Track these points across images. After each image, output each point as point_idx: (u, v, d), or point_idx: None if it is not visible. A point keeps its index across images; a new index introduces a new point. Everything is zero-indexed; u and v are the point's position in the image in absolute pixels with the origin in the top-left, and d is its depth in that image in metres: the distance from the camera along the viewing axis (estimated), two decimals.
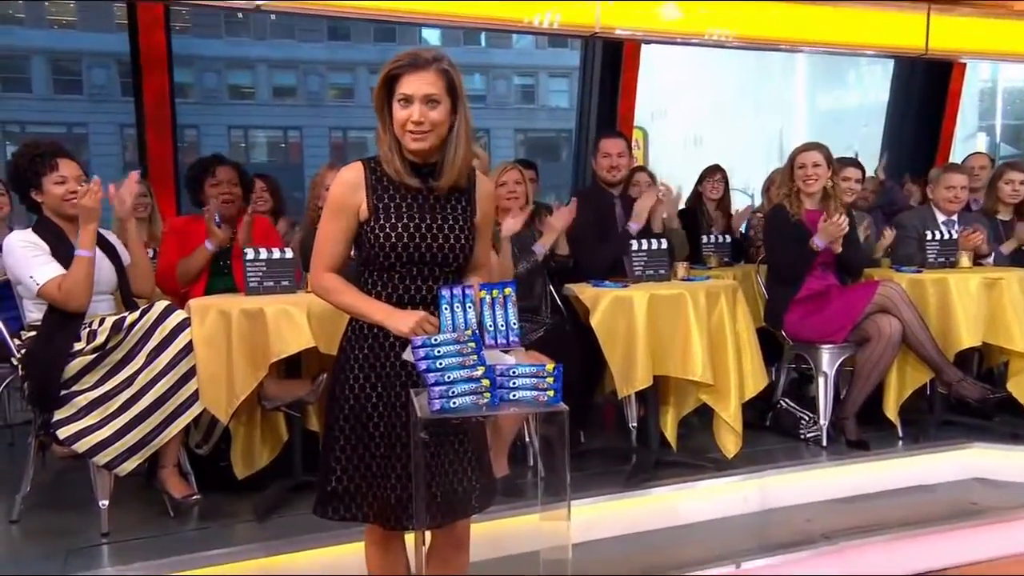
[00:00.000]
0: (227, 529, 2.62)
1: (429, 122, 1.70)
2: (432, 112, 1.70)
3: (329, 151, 25.55)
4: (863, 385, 3.31)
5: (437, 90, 1.70)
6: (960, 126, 6.64)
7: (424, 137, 1.71)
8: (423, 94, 1.69)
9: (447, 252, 1.80)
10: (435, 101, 1.71)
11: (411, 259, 1.79)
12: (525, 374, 1.81)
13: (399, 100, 1.71)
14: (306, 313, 2.60)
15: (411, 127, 1.70)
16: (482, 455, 1.91)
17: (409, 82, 1.70)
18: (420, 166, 1.78)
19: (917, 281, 3.41)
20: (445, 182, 1.78)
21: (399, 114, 1.71)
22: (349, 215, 1.80)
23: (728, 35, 4.88)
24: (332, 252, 1.85)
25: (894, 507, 3.02)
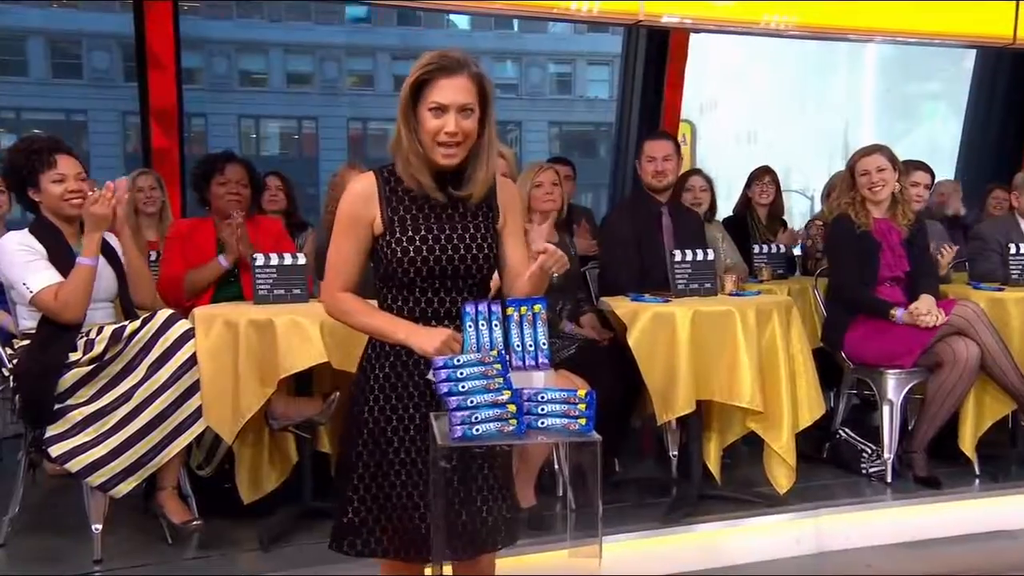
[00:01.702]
0: (229, 558, 2.66)
1: (463, 133, 1.72)
2: (466, 122, 1.73)
3: (347, 143, 25.83)
4: (935, 416, 3.26)
5: (471, 98, 1.73)
6: None
7: (456, 153, 1.74)
8: (459, 104, 1.71)
9: (469, 264, 1.83)
10: (469, 110, 1.73)
11: (431, 273, 1.82)
12: (555, 399, 1.82)
13: (431, 108, 1.72)
14: (319, 325, 2.63)
15: (444, 138, 1.72)
16: (509, 484, 1.93)
17: (442, 89, 1.71)
18: (443, 174, 1.80)
19: (998, 300, 3.35)
20: (470, 193, 1.80)
21: (431, 124, 1.72)
22: (362, 230, 1.84)
23: (789, 24, 4.85)
24: (347, 271, 1.88)
25: (968, 554, 2.98)
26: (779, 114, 29.35)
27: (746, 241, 4.35)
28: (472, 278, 1.85)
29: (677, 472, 3.23)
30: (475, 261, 1.83)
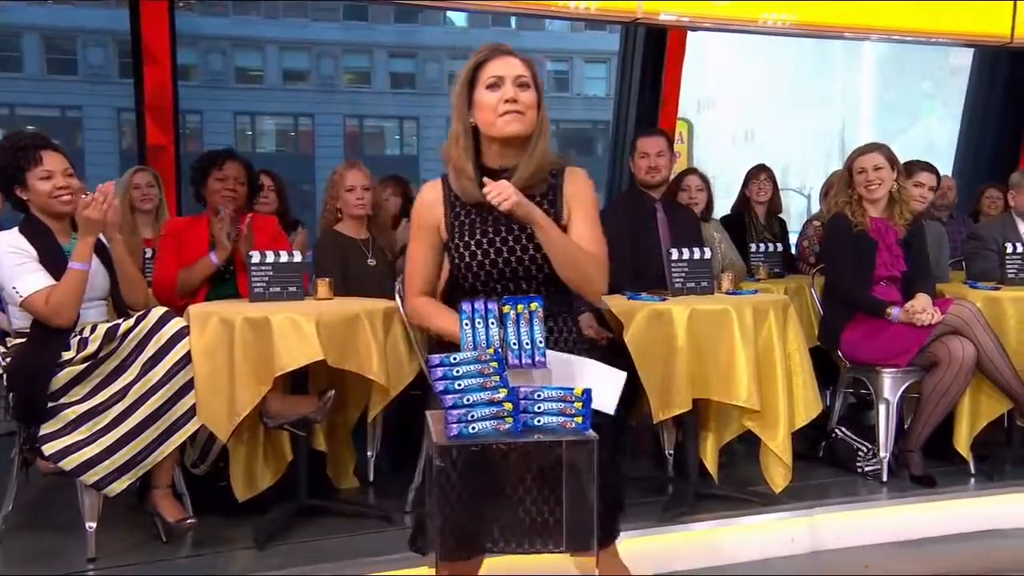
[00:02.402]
0: (224, 556, 2.66)
1: (523, 103, 1.75)
2: (524, 93, 1.76)
3: (343, 141, 25.82)
4: (930, 415, 3.27)
5: (528, 73, 1.78)
6: None
7: (519, 118, 1.75)
8: (514, 75, 1.76)
9: (528, 265, 1.83)
10: (526, 84, 1.77)
11: (490, 276, 1.85)
12: (551, 398, 1.82)
13: (487, 85, 1.76)
14: (315, 323, 2.63)
15: (504, 107, 1.75)
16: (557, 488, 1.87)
17: (496, 65, 1.77)
18: (497, 171, 1.81)
19: (994, 299, 3.36)
20: (521, 179, 1.79)
21: (488, 98, 1.76)
22: (432, 235, 1.89)
23: (786, 21, 4.85)
24: (422, 276, 1.92)
25: (962, 554, 2.98)
26: (776, 113, 29.41)
27: (744, 240, 4.36)
28: (534, 278, 1.85)
29: (673, 471, 3.23)
30: (533, 262, 1.83)
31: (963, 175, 6.14)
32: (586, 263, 1.79)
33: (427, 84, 26.50)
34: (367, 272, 3.44)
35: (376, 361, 2.78)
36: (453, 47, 26.20)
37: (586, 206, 1.85)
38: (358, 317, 2.78)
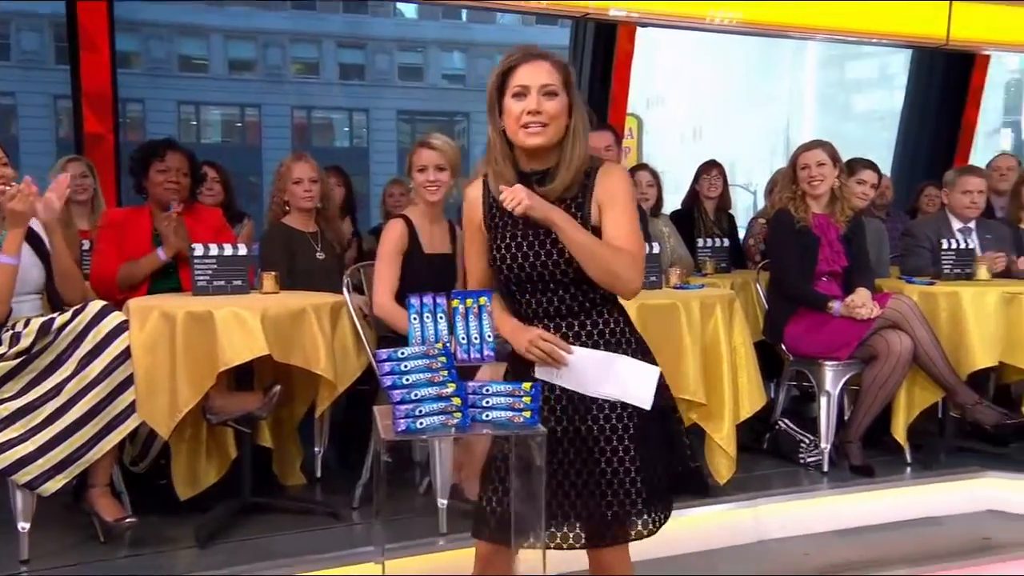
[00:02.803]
0: (165, 556, 2.60)
1: (547, 114, 1.74)
2: (549, 103, 1.74)
3: (291, 132, 25.42)
4: (869, 406, 3.36)
5: (554, 81, 1.75)
6: (982, 121, 6.75)
7: (541, 131, 1.75)
8: (540, 84, 1.74)
9: (552, 269, 1.81)
10: (552, 93, 1.75)
11: (519, 277, 1.84)
12: (500, 392, 1.82)
13: (514, 94, 1.76)
14: (260, 317, 2.59)
15: (527, 119, 1.74)
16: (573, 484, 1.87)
17: (524, 73, 1.75)
18: (531, 174, 1.81)
19: (929, 294, 3.46)
20: (558, 185, 1.78)
21: (514, 108, 1.75)
22: (478, 233, 1.91)
23: (733, 20, 4.93)
24: (474, 270, 1.96)
25: (899, 541, 3.06)
26: (724, 110, 29.85)
27: (692, 235, 4.41)
28: (560, 281, 1.82)
29: None
30: (557, 266, 1.81)
31: (901, 174, 6.30)
32: (613, 261, 1.75)
33: (376, 76, 26.24)
34: (315, 265, 3.39)
35: (323, 356, 2.74)
36: (403, 39, 26.01)
37: (619, 202, 1.80)
38: (305, 311, 2.75)
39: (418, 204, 3.09)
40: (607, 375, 1.81)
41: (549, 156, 1.80)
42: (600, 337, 1.84)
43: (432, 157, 3.00)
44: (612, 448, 1.82)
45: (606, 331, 1.84)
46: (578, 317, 1.83)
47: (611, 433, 1.82)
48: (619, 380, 1.81)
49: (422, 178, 3.01)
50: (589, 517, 1.85)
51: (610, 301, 1.86)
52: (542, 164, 1.81)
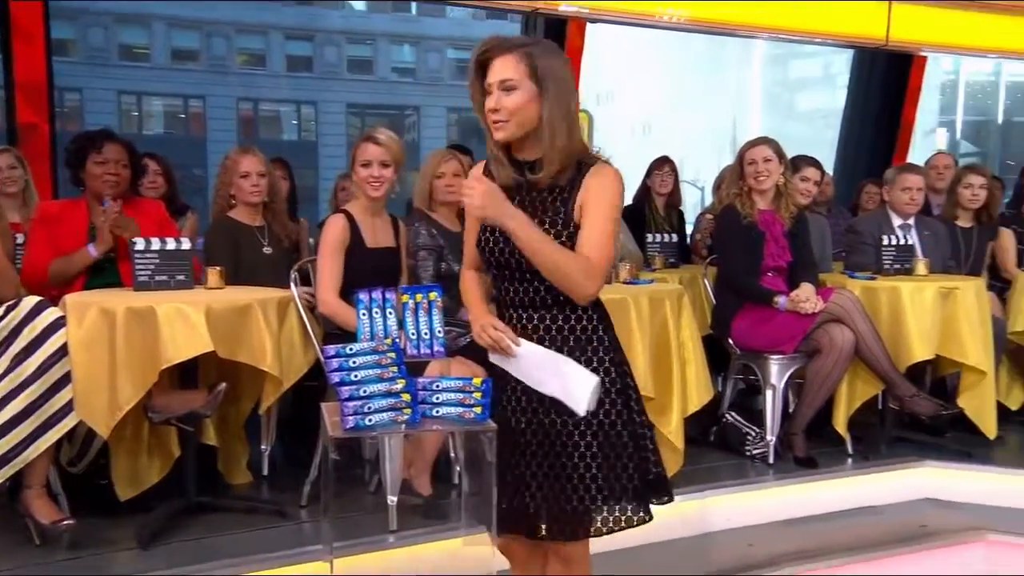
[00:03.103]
0: (104, 558, 2.53)
1: (505, 110, 1.75)
2: (507, 99, 1.75)
3: (237, 124, 24.95)
4: (813, 399, 3.43)
5: (515, 75, 1.75)
6: (919, 121, 6.94)
7: (503, 127, 1.76)
8: (499, 80, 1.75)
9: (519, 257, 1.79)
10: (511, 88, 1.75)
11: (499, 263, 1.84)
12: (450, 388, 1.82)
13: (486, 92, 1.79)
14: (204, 313, 2.53)
15: (491, 116, 1.77)
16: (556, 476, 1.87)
17: (491, 70, 1.78)
18: (523, 163, 1.81)
19: (871, 289, 3.54)
20: (544, 176, 1.79)
21: (485, 104, 1.78)
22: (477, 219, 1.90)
23: (681, 17, 4.98)
24: (468, 251, 1.97)
25: (840, 530, 3.14)
26: (673, 107, 30.20)
27: (642, 230, 4.45)
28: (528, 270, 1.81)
29: None
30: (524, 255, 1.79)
31: (843, 171, 6.44)
32: (566, 266, 1.75)
33: (325, 68, 25.89)
34: (262, 260, 3.33)
35: (270, 352, 2.70)
36: (352, 31, 25.71)
37: (599, 209, 1.78)
38: (251, 307, 2.69)
39: (359, 199, 3.05)
40: (550, 374, 1.81)
41: (536, 146, 1.80)
42: (571, 333, 1.84)
43: (377, 152, 2.97)
44: (574, 443, 1.82)
45: (577, 327, 1.85)
46: (551, 310, 1.83)
47: (574, 428, 1.82)
48: (560, 381, 1.80)
49: (365, 173, 2.98)
50: (550, 510, 1.85)
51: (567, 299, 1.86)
52: (532, 154, 1.81)
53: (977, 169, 4.29)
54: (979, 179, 4.16)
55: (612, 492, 1.84)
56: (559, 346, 1.83)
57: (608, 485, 1.84)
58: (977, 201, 4.15)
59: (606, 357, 1.85)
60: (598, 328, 1.86)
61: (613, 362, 1.86)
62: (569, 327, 1.84)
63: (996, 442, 3.63)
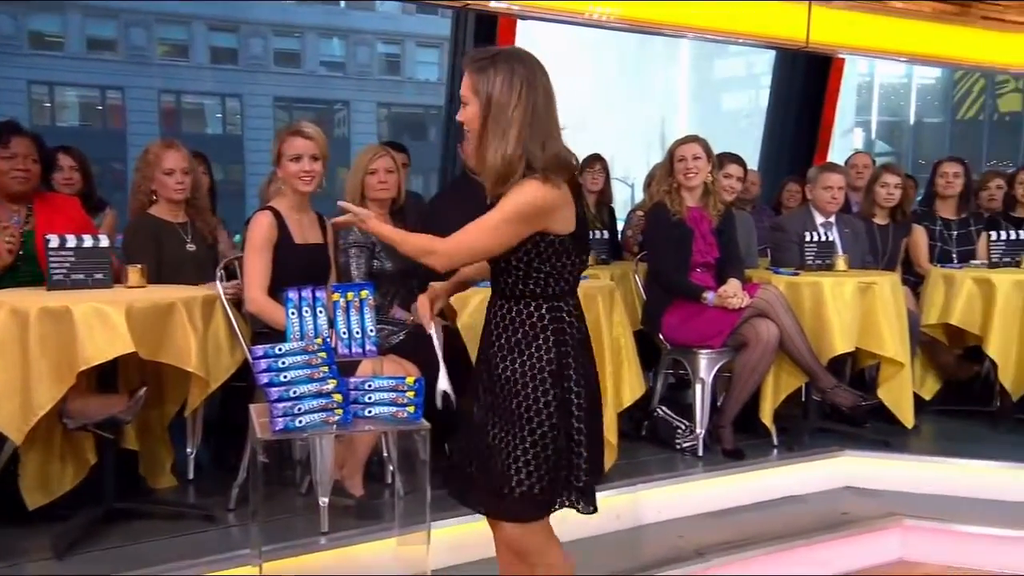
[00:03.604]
0: (15, 568, 2.42)
1: (466, 123, 1.88)
2: (463, 114, 1.88)
3: (158, 117, 24.15)
4: (740, 392, 3.51)
5: (465, 91, 1.86)
6: (837, 121, 7.16)
7: (467, 138, 1.90)
8: (463, 94, 1.87)
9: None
10: (464, 103, 1.87)
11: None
12: (383, 388, 1.79)
13: None
14: (124, 312, 2.44)
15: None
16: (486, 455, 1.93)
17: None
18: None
19: (794, 284, 3.64)
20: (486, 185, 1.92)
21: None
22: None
23: (611, 16, 5.03)
24: None
25: (766, 520, 3.22)
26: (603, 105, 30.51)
27: None
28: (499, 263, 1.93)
29: None
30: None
31: (767, 170, 6.61)
32: (406, 248, 1.94)
33: (251, 61, 25.29)
34: (185, 257, 3.23)
35: (195, 353, 2.62)
36: (278, 23, 25.16)
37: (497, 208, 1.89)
38: (174, 306, 2.61)
39: (286, 194, 2.98)
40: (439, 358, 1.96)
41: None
42: (521, 326, 1.92)
43: (307, 146, 2.91)
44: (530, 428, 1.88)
45: (527, 322, 1.92)
46: (509, 300, 1.93)
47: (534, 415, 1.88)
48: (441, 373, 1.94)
49: (296, 168, 2.91)
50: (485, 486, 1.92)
51: (540, 296, 1.92)
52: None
53: (892, 169, 4.45)
54: (894, 178, 4.32)
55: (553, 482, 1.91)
56: (509, 334, 1.92)
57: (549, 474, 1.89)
58: (892, 200, 4.31)
59: (544, 356, 1.90)
60: (547, 327, 1.92)
61: (550, 363, 1.90)
62: (520, 320, 1.92)
63: (912, 431, 3.78)
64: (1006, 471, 3.50)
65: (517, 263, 1.89)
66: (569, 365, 1.93)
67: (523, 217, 1.84)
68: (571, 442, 1.92)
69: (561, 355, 1.91)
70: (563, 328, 1.94)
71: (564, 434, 1.91)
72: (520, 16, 5.10)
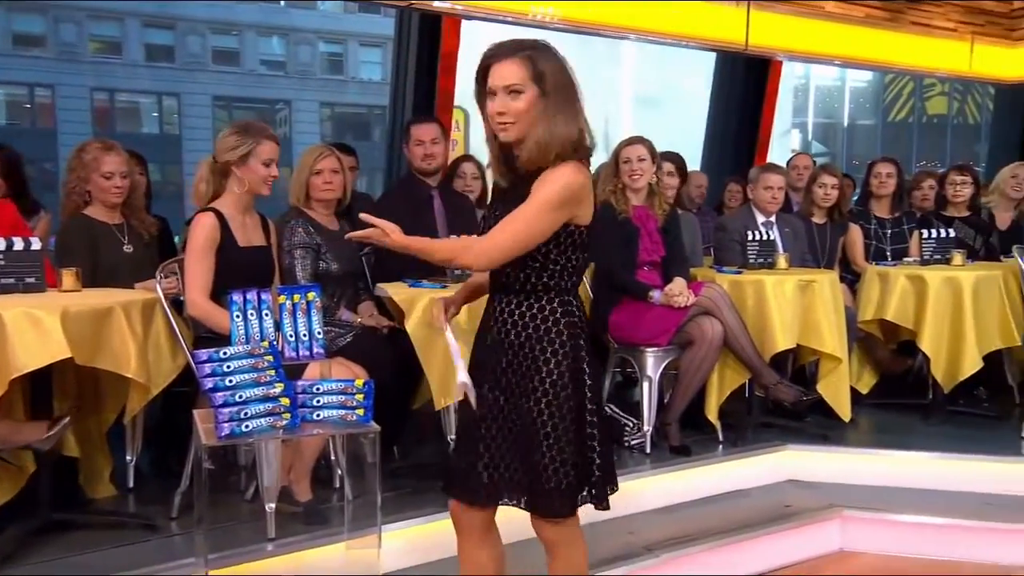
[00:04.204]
0: None
1: (511, 113, 1.85)
2: (513, 103, 1.85)
3: (91, 116, 23.43)
4: (686, 389, 3.56)
5: (518, 79, 1.84)
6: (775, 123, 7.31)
7: (510, 129, 1.86)
8: (504, 85, 1.85)
9: None
10: (517, 91, 1.84)
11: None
12: (331, 391, 1.77)
13: (488, 94, 1.88)
14: (59, 317, 2.36)
15: (496, 118, 1.87)
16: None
17: (493, 74, 1.87)
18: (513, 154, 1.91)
19: (737, 282, 3.71)
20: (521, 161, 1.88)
21: (488, 107, 1.88)
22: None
23: (553, 16, 5.05)
24: None
25: (713, 514, 3.27)
26: None
27: None
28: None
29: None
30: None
31: (709, 170, 6.71)
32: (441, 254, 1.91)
33: (188, 59, 24.71)
34: (122, 259, 3.13)
35: (134, 358, 2.55)
36: (215, 21, 24.64)
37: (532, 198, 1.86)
38: (112, 310, 2.54)
39: (231, 195, 2.91)
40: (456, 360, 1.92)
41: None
42: (532, 320, 1.93)
43: (277, 152, 2.88)
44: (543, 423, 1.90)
45: (539, 316, 1.93)
46: (518, 295, 1.93)
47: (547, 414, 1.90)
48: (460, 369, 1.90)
49: (266, 172, 2.85)
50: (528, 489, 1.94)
51: (552, 289, 1.93)
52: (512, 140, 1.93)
53: (830, 169, 4.57)
54: (832, 179, 4.43)
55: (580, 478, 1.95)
56: (519, 330, 1.93)
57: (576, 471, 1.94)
58: (830, 200, 4.42)
59: (560, 350, 1.92)
60: (561, 320, 1.93)
61: (566, 356, 1.92)
62: (531, 315, 1.93)
63: (849, 424, 3.89)
64: (939, 461, 3.62)
65: (535, 255, 1.88)
66: (583, 359, 1.95)
67: (562, 202, 1.85)
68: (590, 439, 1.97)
69: (576, 348, 1.94)
70: (575, 323, 1.95)
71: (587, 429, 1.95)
72: (463, 16, 5.09)
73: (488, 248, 1.86)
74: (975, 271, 3.99)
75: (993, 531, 3.23)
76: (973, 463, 3.58)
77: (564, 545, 2.03)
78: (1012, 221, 4.86)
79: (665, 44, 6.01)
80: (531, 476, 1.92)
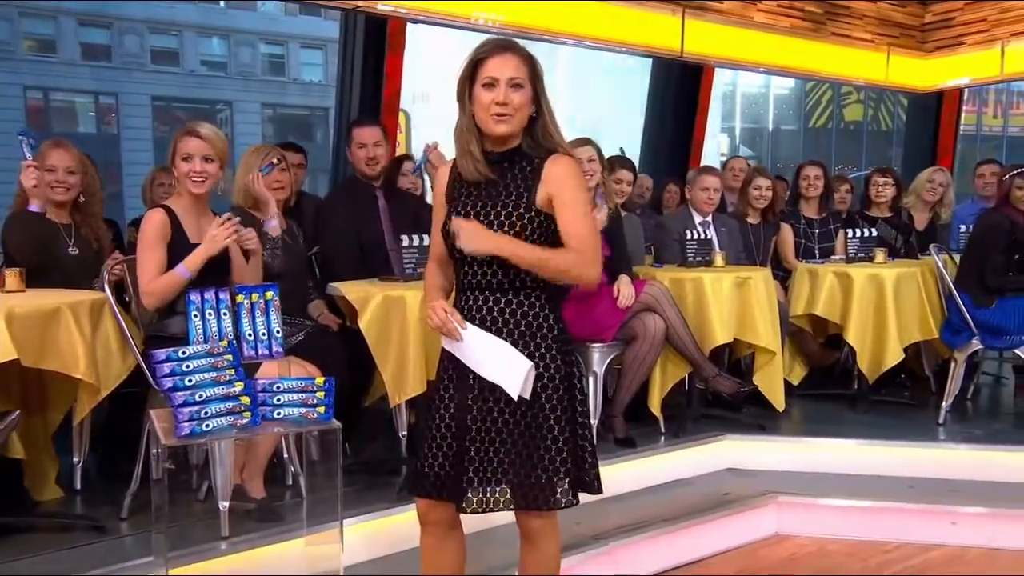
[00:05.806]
0: None
1: (512, 105, 1.84)
2: (515, 95, 1.85)
3: (25, 115, 22.50)
4: (630, 383, 3.60)
5: (521, 74, 1.86)
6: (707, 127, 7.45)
7: (508, 120, 1.85)
8: (507, 76, 1.84)
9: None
10: (519, 85, 1.85)
11: (458, 249, 1.87)
12: (292, 389, 1.74)
13: (483, 84, 1.85)
14: (4, 318, 2.26)
15: (496, 109, 1.84)
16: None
17: (493, 65, 1.85)
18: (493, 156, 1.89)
19: (677, 279, 3.77)
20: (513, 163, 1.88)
21: (483, 97, 1.85)
22: (441, 207, 1.98)
23: (496, 21, 5.06)
24: (435, 242, 2.02)
25: (657, 503, 3.32)
26: None
27: None
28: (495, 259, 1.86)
29: (407, 452, 3.23)
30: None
31: (647, 171, 6.80)
32: (565, 268, 1.85)
33: (126, 58, 23.91)
34: (68, 260, 3.02)
35: (83, 358, 2.46)
36: (154, 20, 23.92)
37: (569, 197, 1.86)
38: (59, 311, 2.44)
39: (182, 195, 2.83)
40: (489, 357, 1.86)
41: (512, 140, 1.90)
42: (524, 318, 1.90)
43: (199, 146, 2.75)
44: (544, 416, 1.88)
45: (530, 313, 1.91)
46: (506, 294, 1.89)
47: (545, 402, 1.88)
48: (498, 364, 1.85)
49: (187, 168, 2.76)
50: (517, 481, 1.90)
51: (539, 286, 1.91)
52: (505, 146, 1.90)
53: (764, 172, 4.69)
54: (766, 181, 4.55)
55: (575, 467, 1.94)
56: (511, 328, 1.90)
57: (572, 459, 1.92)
58: (763, 201, 4.53)
59: (554, 344, 1.92)
60: (549, 316, 1.93)
61: (560, 350, 1.92)
62: (522, 312, 1.91)
63: (783, 415, 3.99)
64: (865, 448, 3.74)
65: None
66: (572, 351, 1.96)
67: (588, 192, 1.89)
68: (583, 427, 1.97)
69: (566, 341, 1.94)
70: (561, 317, 1.96)
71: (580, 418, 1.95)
72: (408, 19, 5.06)
73: (596, 254, 1.87)
74: (896, 268, 4.14)
75: (916, 512, 3.35)
76: (896, 449, 3.72)
77: (546, 535, 2.03)
78: (928, 222, 5.06)
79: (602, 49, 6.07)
80: (527, 468, 1.90)
